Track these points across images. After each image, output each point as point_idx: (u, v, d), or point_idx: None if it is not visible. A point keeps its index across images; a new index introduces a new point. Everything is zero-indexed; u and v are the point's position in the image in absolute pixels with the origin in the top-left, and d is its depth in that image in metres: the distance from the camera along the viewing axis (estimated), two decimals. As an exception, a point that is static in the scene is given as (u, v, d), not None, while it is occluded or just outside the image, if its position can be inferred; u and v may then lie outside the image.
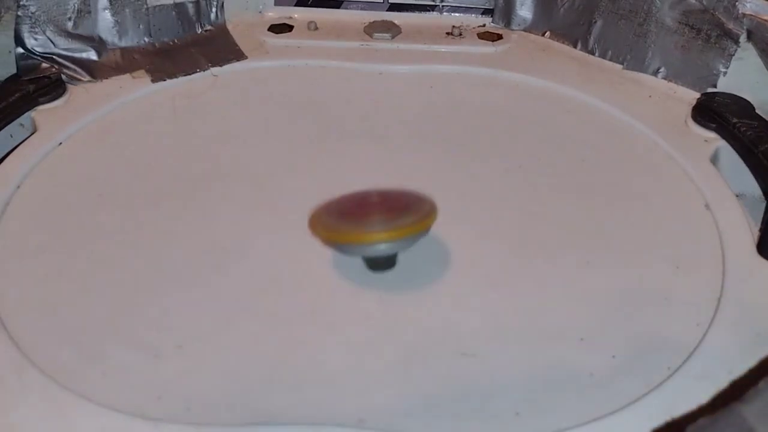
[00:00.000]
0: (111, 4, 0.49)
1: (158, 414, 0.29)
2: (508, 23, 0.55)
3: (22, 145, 0.43)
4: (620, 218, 0.39)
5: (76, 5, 0.48)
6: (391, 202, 0.34)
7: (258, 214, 0.39)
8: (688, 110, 0.46)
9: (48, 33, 0.48)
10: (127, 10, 0.50)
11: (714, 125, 0.44)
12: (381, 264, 0.35)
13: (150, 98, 0.47)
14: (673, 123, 0.45)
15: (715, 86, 0.47)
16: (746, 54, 0.45)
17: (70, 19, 0.48)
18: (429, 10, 0.56)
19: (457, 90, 0.49)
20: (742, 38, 0.45)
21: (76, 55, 0.49)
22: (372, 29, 0.54)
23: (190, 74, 0.49)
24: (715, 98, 0.45)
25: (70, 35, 0.48)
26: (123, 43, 0.50)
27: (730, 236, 0.37)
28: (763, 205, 0.39)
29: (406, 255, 0.36)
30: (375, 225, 0.32)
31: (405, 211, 0.33)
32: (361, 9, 0.55)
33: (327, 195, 0.40)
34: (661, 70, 0.49)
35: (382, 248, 0.33)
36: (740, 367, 0.30)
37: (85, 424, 0.28)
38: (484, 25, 0.55)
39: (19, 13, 0.46)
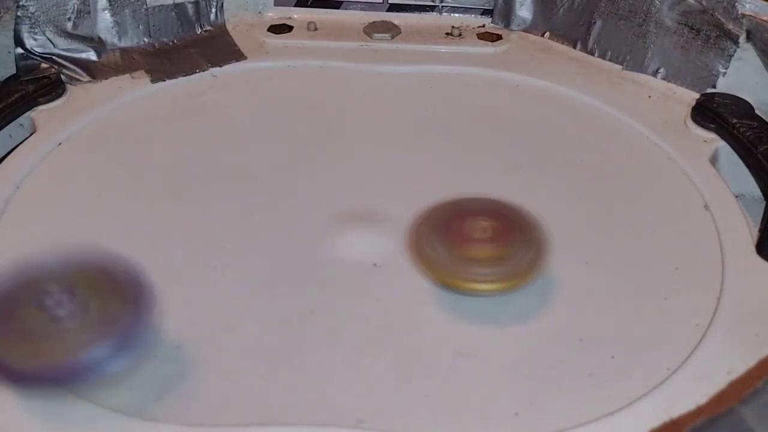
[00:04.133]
0: (110, 5, 0.49)
1: (157, 414, 0.29)
2: (507, 23, 0.55)
3: (21, 145, 0.43)
4: (619, 218, 0.39)
5: (75, 6, 0.48)
6: (499, 227, 0.33)
7: (257, 214, 0.39)
8: (688, 111, 0.46)
9: (47, 33, 0.48)
10: (126, 11, 0.50)
11: (713, 126, 0.44)
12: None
13: (150, 98, 0.47)
14: (672, 123, 0.45)
15: (714, 87, 0.47)
16: (746, 54, 0.45)
17: (69, 19, 0.48)
18: (428, 11, 0.56)
19: (456, 90, 0.49)
20: (742, 39, 0.45)
21: (76, 55, 0.49)
22: (372, 29, 0.54)
23: (189, 75, 0.49)
24: (715, 99, 0.45)
25: (69, 36, 0.48)
26: (122, 44, 0.50)
27: (729, 237, 0.37)
28: (763, 205, 0.39)
29: (403, 253, 0.36)
30: (483, 269, 0.32)
31: (512, 247, 0.32)
32: (361, 9, 0.55)
33: (326, 195, 0.40)
34: (660, 71, 0.49)
35: (489, 294, 0.33)
36: (739, 368, 0.30)
37: (84, 424, 0.28)
38: (483, 26, 0.55)
39: (19, 13, 0.46)
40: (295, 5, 0.56)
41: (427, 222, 0.34)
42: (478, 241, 0.32)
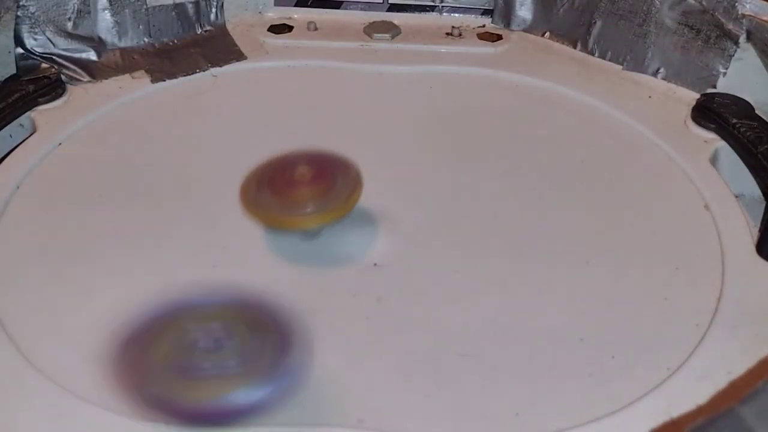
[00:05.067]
0: (111, 5, 0.49)
1: (158, 414, 0.29)
2: (507, 24, 0.55)
3: (21, 145, 0.43)
4: (620, 219, 0.39)
5: (75, 5, 0.48)
6: (318, 171, 0.35)
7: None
8: (688, 111, 0.46)
9: (48, 33, 0.48)
10: (126, 11, 0.50)
11: (713, 126, 0.44)
12: (310, 235, 0.37)
13: (150, 98, 0.47)
14: (672, 123, 0.45)
15: (714, 87, 0.47)
16: (746, 55, 0.45)
17: (69, 19, 0.48)
18: (429, 11, 0.56)
19: (456, 91, 0.49)
20: (742, 39, 0.45)
21: (76, 55, 0.49)
22: (372, 30, 0.54)
23: (189, 74, 0.49)
24: (715, 99, 0.45)
25: (69, 35, 0.48)
26: (123, 44, 0.50)
27: (729, 237, 0.37)
28: (763, 205, 0.39)
29: (407, 253, 0.36)
30: (306, 207, 0.34)
31: (332, 185, 0.35)
32: (361, 9, 0.55)
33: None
34: (660, 71, 0.49)
35: (313, 229, 0.36)
36: (739, 368, 0.30)
37: (85, 425, 0.28)
38: (483, 26, 0.55)
39: (19, 13, 0.46)
40: (295, 5, 0.56)
41: (254, 174, 0.36)
42: (300, 184, 0.35)
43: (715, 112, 0.44)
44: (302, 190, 0.35)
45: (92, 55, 0.49)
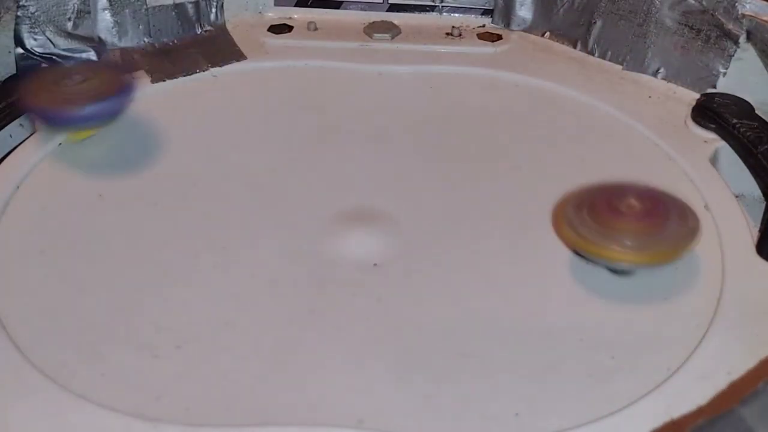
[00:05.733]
0: (110, 5, 0.49)
1: (157, 414, 0.29)
2: (507, 24, 0.55)
3: (21, 145, 0.43)
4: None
5: (75, 6, 0.48)
6: (650, 208, 0.33)
7: (257, 214, 0.39)
8: (688, 111, 0.46)
9: (48, 33, 0.48)
10: (126, 11, 0.50)
11: (713, 126, 0.44)
12: (620, 272, 0.35)
13: (150, 98, 0.47)
14: (672, 123, 0.45)
15: (714, 87, 0.47)
16: (746, 55, 0.45)
17: (69, 19, 0.48)
18: (429, 11, 0.56)
19: (456, 91, 0.49)
20: (742, 39, 0.45)
21: (76, 55, 0.49)
22: (372, 30, 0.54)
23: (189, 75, 0.49)
24: (715, 99, 0.45)
25: (69, 36, 0.48)
26: (123, 44, 0.50)
27: (729, 237, 0.37)
28: (763, 205, 0.39)
29: (407, 253, 0.36)
30: (625, 240, 0.32)
31: (662, 225, 0.33)
32: (361, 9, 0.55)
33: (326, 195, 0.40)
34: (660, 71, 0.49)
35: (624, 266, 0.34)
36: (739, 368, 0.30)
37: (84, 424, 0.28)
38: (483, 26, 0.55)
39: (19, 13, 0.46)
40: (295, 5, 0.56)
41: (574, 196, 0.35)
42: (627, 215, 0.33)
43: (715, 112, 0.44)
44: (626, 222, 0.32)
45: (92, 55, 0.49)
